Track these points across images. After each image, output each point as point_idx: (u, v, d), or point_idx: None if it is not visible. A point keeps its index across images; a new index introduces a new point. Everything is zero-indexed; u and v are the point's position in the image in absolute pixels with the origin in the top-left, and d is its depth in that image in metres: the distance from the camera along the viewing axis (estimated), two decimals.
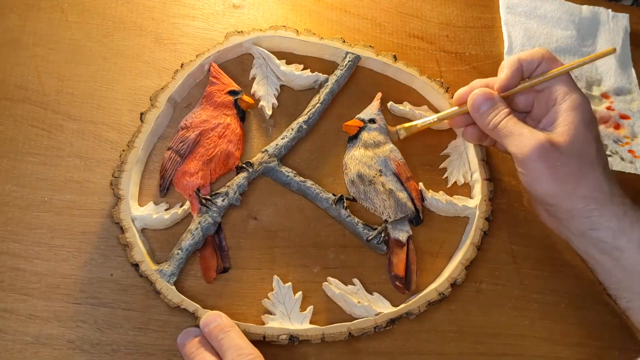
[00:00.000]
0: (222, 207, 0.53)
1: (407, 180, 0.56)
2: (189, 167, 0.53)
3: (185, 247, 0.50)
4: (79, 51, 0.58)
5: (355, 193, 0.56)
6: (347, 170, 0.56)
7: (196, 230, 0.51)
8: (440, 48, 0.68)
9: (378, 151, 0.56)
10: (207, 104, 0.55)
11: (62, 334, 0.48)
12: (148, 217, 0.51)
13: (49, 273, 0.50)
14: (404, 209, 0.55)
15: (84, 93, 0.56)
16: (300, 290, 0.52)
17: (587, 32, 0.73)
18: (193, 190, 0.52)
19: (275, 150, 0.56)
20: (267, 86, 0.58)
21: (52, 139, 0.54)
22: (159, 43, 0.60)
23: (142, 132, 0.53)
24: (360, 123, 0.58)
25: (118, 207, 0.51)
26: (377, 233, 0.54)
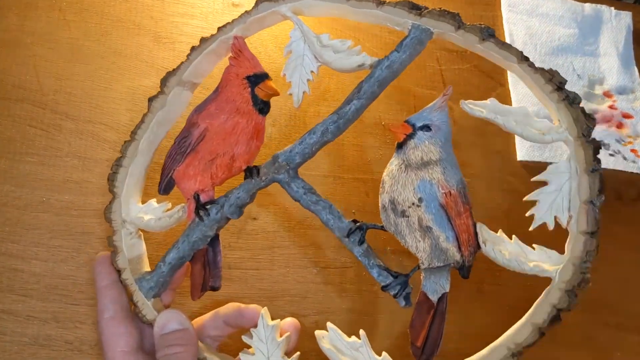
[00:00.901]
0: (215, 220, 0.44)
1: (458, 216, 0.40)
2: (188, 169, 0.44)
3: (169, 261, 0.44)
4: (77, 50, 0.58)
5: (385, 222, 0.41)
6: (382, 189, 0.42)
7: (182, 244, 0.44)
8: (440, 46, 0.68)
9: (422, 173, 0.40)
10: (222, 91, 0.44)
11: (60, 335, 0.48)
12: (139, 220, 0.45)
13: (47, 274, 0.50)
14: (442, 256, 0.40)
15: (83, 92, 0.56)
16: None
17: (589, 30, 0.73)
18: (191, 194, 0.44)
19: (288, 158, 0.43)
20: (302, 68, 0.44)
21: (50, 139, 0.54)
22: (157, 42, 0.60)
23: (144, 122, 0.46)
24: (408, 129, 0.41)
25: (110, 206, 0.45)
26: (395, 284, 0.41)
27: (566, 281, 0.38)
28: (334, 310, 0.53)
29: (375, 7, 0.42)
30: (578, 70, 0.70)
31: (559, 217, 0.39)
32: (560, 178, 0.39)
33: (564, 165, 0.39)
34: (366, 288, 0.54)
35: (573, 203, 0.39)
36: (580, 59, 0.71)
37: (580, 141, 0.38)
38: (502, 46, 0.39)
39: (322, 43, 0.43)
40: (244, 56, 0.44)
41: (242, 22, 0.44)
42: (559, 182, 0.39)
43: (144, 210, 0.46)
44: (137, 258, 0.46)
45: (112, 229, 0.45)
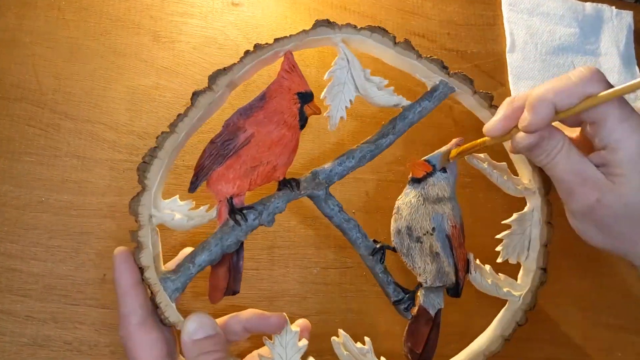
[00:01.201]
0: (251, 227, 0.45)
1: (459, 247, 0.48)
2: (228, 172, 0.45)
3: (199, 263, 0.44)
4: (76, 50, 0.58)
5: (398, 245, 0.48)
6: (397, 215, 0.48)
7: (215, 247, 0.44)
8: (441, 46, 0.68)
9: (437, 207, 0.48)
10: (270, 101, 0.46)
11: (59, 336, 0.48)
12: (169, 217, 0.44)
13: (46, 274, 0.50)
14: (444, 278, 0.48)
15: (81, 92, 0.56)
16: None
17: (590, 29, 0.73)
18: (226, 197, 0.45)
19: (328, 178, 0.47)
20: (342, 94, 0.48)
21: (49, 139, 0.54)
22: (157, 41, 0.60)
23: (188, 117, 0.45)
24: (429, 168, 0.48)
25: (138, 198, 0.43)
26: (407, 299, 0.48)
27: (526, 304, 0.48)
28: (334, 310, 0.53)
29: (415, 58, 0.48)
30: None
31: (520, 255, 0.50)
32: (525, 225, 0.50)
33: (528, 215, 0.50)
34: (366, 288, 0.54)
35: (533, 245, 0.50)
36: (581, 58, 0.71)
37: (545, 199, 0.49)
38: None
39: (367, 77, 0.48)
40: (296, 72, 0.46)
41: (299, 40, 0.47)
42: (524, 228, 0.50)
43: (169, 207, 0.45)
44: (157, 256, 0.44)
45: (137, 223, 0.43)
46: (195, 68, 0.59)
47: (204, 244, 0.44)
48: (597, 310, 0.57)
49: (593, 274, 0.55)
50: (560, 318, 0.56)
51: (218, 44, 0.61)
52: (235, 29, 0.62)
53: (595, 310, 0.57)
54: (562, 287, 0.57)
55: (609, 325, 0.57)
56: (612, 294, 0.52)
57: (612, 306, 0.57)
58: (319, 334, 0.52)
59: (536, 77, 0.68)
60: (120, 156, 0.55)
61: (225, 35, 0.62)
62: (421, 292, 0.48)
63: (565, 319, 0.56)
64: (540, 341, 0.55)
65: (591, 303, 0.57)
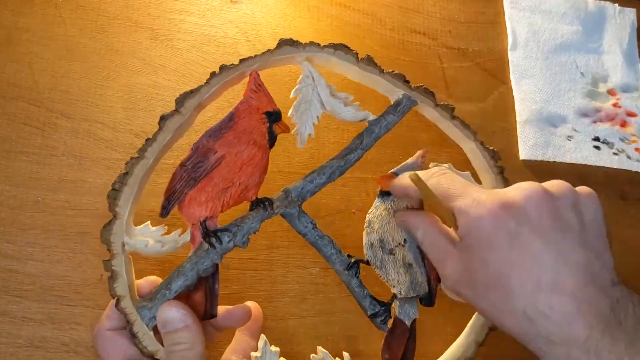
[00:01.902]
0: (225, 249, 0.45)
1: None
2: (200, 195, 0.44)
3: (175, 289, 0.43)
4: (73, 48, 0.58)
5: (371, 258, 0.49)
6: (369, 229, 0.49)
7: (191, 272, 0.44)
8: (442, 44, 0.67)
9: None
10: (239, 122, 0.46)
11: (56, 337, 0.48)
12: (142, 245, 0.44)
13: (42, 274, 0.49)
14: (417, 288, 0.48)
15: (79, 90, 0.56)
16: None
17: (593, 27, 0.73)
18: (199, 220, 0.45)
19: (300, 195, 0.48)
20: (309, 112, 0.49)
21: (45, 138, 0.54)
22: (155, 39, 0.60)
23: (157, 141, 0.45)
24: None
25: (110, 227, 0.43)
26: (383, 312, 0.48)
27: None
28: (333, 311, 0.53)
29: (378, 73, 0.50)
30: (581, 68, 0.70)
31: None
32: None
33: None
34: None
35: None
36: (583, 56, 0.71)
37: None
38: (464, 125, 0.51)
39: (332, 93, 0.49)
40: (263, 92, 0.47)
41: (264, 59, 0.48)
42: None
43: (141, 233, 0.45)
44: (131, 285, 0.44)
45: (110, 252, 0.43)
46: (193, 66, 0.59)
47: (179, 269, 0.44)
48: None
49: None
50: None
51: (216, 42, 0.61)
52: (234, 26, 0.62)
53: None
54: None
55: None
56: None
57: None
58: (318, 335, 0.51)
59: (538, 75, 0.68)
60: (118, 155, 0.54)
61: (224, 33, 0.61)
62: (396, 304, 0.49)
63: None
64: None
65: None
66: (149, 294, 0.44)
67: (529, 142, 0.64)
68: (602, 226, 0.38)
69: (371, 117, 0.50)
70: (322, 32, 0.64)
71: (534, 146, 0.64)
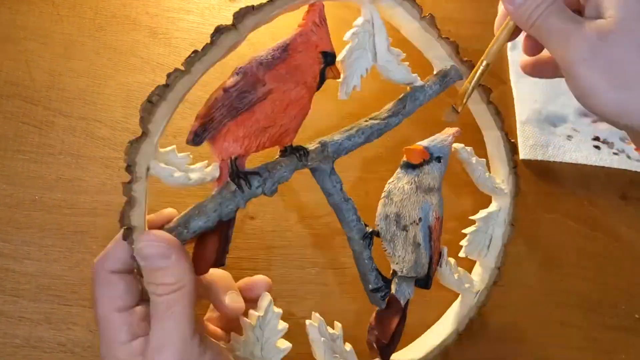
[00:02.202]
0: (253, 194, 0.40)
1: (437, 239, 0.49)
2: (238, 129, 0.39)
3: (194, 229, 0.38)
4: (70, 46, 0.58)
5: (383, 230, 0.47)
6: (387, 200, 0.47)
7: (214, 213, 0.39)
8: None
9: (427, 197, 0.47)
10: (294, 55, 0.41)
11: (52, 337, 0.48)
12: (167, 174, 0.37)
13: (39, 274, 0.49)
14: (419, 269, 0.47)
15: (76, 89, 0.56)
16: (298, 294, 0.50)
17: None
18: (230, 157, 0.40)
19: (336, 151, 0.44)
20: (360, 61, 0.45)
21: (43, 136, 0.54)
22: (153, 38, 0.60)
23: (207, 56, 0.38)
24: (426, 155, 0.47)
25: (138, 145, 0.36)
26: (385, 287, 0.47)
27: (480, 301, 0.52)
28: (333, 311, 0.52)
29: (437, 37, 0.48)
30: None
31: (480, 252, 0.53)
32: (489, 224, 0.53)
33: (494, 214, 0.53)
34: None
35: (494, 244, 0.53)
36: None
37: (514, 201, 0.52)
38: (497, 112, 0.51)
39: (388, 47, 0.45)
40: (325, 28, 0.42)
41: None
42: (487, 226, 0.53)
43: (166, 160, 0.39)
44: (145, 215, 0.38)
45: (133, 174, 0.36)
46: None
47: (199, 208, 0.39)
48: (602, 311, 0.57)
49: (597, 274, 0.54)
50: (562, 319, 0.56)
51: None
52: None
53: (599, 312, 0.57)
54: (564, 286, 0.57)
55: (613, 327, 0.56)
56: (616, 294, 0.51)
57: (617, 307, 0.57)
58: None
59: None
60: (116, 154, 0.54)
61: None
62: (394, 281, 0.48)
63: (568, 320, 0.56)
64: (542, 343, 0.54)
65: (595, 304, 0.57)
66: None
67: (529, 141, 0.64)
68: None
69: (419, 82, 0.47)
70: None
71: (533, 146, 0.64)
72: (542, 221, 0.57)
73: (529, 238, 0.59)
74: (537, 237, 0.59)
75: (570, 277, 0.58)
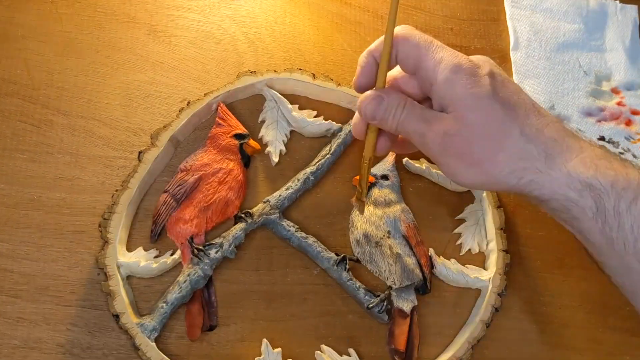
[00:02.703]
0: (215, 260, 0.50)
1: (417, 244, 0.53)
2: (184, 214, 0.51)
3: (171, 301, 0.48)
4: (69, 44, 0.57)
5: (360, 254, 0.53)
6: (353, 228, 0.53)
7: (184, 283, 0.49)
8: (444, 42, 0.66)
9: (388, 211, 0.53)
10: (211, 147, 0.53)
11: (51, 338, 0.47)
12: (135, 265, 0.49)
13: (37, 274, 0.49)
14: (410, 276, 0.52)
15: (75, 87, 0.56)
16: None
17: (594, 25, 0.72)
18: (186, 238, 0.50)
19: (278, 202, 0.53)
20: (277, 131, 0.56)
21: (41, 135, 0.54)
22: (152, 35, 0.59)
23: (138, 173, 0.51)
24: (371, 179, 0.54)
25: (104, 252, 0.49)
26: (380, 301, 0.51)
27: (497, 286, 0.53)
28: (335, 313, 0.52)
29: (336, 86, 0.58)
30: (584, 67, 0.69)
31: (480, 243, 0.56)
32: (477, 215, 0.57)
33: (477, 205, 0.58)
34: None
35: (489, 231, 0.56)
36: (586, 54, 0.71)
37: None
38: None
39: (296, 111, 0.56)
40: (230, 118, 0.55)
41: (226, 91, 0.55)
42: (476, 217, 0.57)
43: (135, 257, 0.50)
44: (132, 303, 0.49)
45: (107, 274, 0.48)
46: (191, 63, 0.59)
47: (174, 283, 0.49)
48: (605, 312, 0.57)
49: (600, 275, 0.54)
50: (566, 321, 0.55)
51: (215, 38, 0.61)
52: (233, 23, 0.62)
53: (603, 313, 0.57)
54: (568, 288, 0.57)
55: (617, 329, 0.56)
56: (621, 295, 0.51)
57: (620, 308, 0.56)
58: (319, 336, 0.51)
59: (541, 75, 0.68)
60: (115, 153, 0.54)
61: (223, 29, 0.61)
62: (393, 295, 0.52)
63: (572, 321, 0.56)
64: (546, 344, 0.54)
65: (599, 305, 0.57)
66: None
67: None
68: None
69: (335, 126, 0.57)
70: (321, 29, 0.64)
71: None
72: (545, 221, 0.57)
73: (531, 239, 0.58)
74: (540, 237, 0.58)
75: (574, 277, 0.57)
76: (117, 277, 0.48)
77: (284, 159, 0.56)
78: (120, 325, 0.46)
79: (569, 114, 0.66)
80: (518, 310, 0.55)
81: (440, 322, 0.53)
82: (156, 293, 0.50)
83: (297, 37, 0.63)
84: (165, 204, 0.51)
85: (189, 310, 0.49)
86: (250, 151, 0.54)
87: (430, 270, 0.54)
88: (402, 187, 0.56)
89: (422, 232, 0.55)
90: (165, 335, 0.49)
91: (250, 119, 0.57)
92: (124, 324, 0.46)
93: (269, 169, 0.56)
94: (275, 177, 0.56)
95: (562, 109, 0.66)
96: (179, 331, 0.49)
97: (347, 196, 0.56)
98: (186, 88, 0.58)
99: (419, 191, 0.57)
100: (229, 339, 0.50)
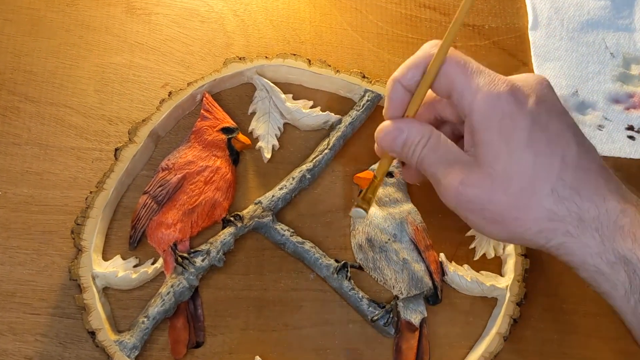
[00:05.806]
0: (201, 269, 0.49)
1: (427, 249, 0.52)
2: (167, 217, 0.50)
3: (153, 315, 0.47)
4: (38, 22, 0.57)
5: (363, 260, 0.52)
6: (354, 231, 0.53)
7: (167, 295, 0.48)
8: None
9: (394, 211, 0.53)
10: (195, 142, 0.53)
11: (18, 349, 0.47)
12: (112, 275, 0.48)
13: (3, 278, 0.49)
14: (419, 284, 0.51)
15: (44, 71, 0.56)
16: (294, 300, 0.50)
17: (622, 1, 0.72)
18: (169, 245, 0.50)
19: (271, 203, 0.52)
20: (268, 124, 0.55)
21: (7, 124, 0.54)
22: (130, 14, 0.59)
23: (114, 172, 0.50)
24: (371, 174, 0.52)
25: (77, 261, 0.48)
26: (385, 313, 0.50)
27: (515, 295, 0.52)
28: (332, 321, 0.52)
29: (334, 73, 0.57)
30: (611, 48, 0.69)
31: (496, 247, 0.55)
32: None
33: None
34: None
35: None
36: (613, 34, 0.70)
37: None
38: None
39: (290, 102, 0.55)
40: (216, 110, 0.54)
41: (212, 79, 0.54)
42: None
43: (112, 266, 0.49)
44: (109, 318, 0.48)
45: (81, 286, 0.47)
46: (174, 44, 0.59)
47: (156, 297, 0.48)
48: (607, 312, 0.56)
49: None
50: (591, 330, 0.55)
51: (200, 16, 0.60)
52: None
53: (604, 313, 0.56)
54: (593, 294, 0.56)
55: None
56: None
57: None
58: (316, 347, 0.51)
59: (563, 57, 0.67)
60: (89, 144, 0.54)
61: (209, 6, 0.61)
62: (400, 306, 0.51)
63: (597, 331, 0.55)
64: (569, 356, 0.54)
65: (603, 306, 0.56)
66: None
67: None
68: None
69: (334, 117, 0.56)
70: (319, 7, 0.63)
71: None
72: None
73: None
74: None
75: None
76: (93, 290, 0.47)
77: (277, 155, 0.55)
78: (96, 343, 0.46)
79: (594, 101, 0.66)
80: (538, 319, 0.54)
81: (452, 335, 0.53)
82: (135, 300, 0.49)
83: (291, 16, 0.62)
84: (145, 207, 0.50)
85: (172, 325, 0.49)
86: (239, 147, 0.53)
87: (441, 277, 0.53)
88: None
89: (431, 233, 0.54)
90: (145, 355, 0.48)
91: (239, 110, 0.56)
92: (101, 341, 0.46)
93: (260, 166, 0.55)
94: (268, 175, 0.55)
95: (587, 95, 0.66)
96: (161, 348, 0.49)
97: (347, 192, 0.55)
98: (168, 72, 0.58)
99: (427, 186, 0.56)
100: (216, 351, 0.49)
